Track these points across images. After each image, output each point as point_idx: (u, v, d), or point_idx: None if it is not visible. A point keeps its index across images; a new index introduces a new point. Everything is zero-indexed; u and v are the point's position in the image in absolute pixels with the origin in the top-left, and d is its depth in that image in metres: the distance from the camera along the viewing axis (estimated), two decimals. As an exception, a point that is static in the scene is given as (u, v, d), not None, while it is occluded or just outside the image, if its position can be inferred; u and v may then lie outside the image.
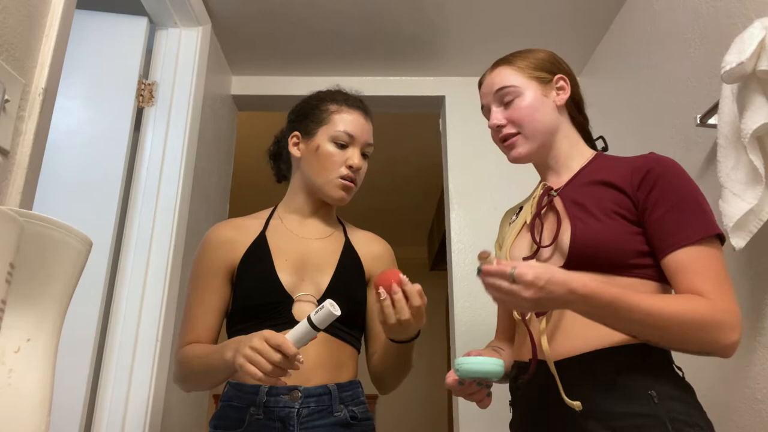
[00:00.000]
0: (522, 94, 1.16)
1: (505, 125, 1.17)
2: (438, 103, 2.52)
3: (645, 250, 1.01)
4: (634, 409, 0.92)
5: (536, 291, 0.86)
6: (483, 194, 2.33)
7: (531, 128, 1.16)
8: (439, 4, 2.07)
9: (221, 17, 2.10)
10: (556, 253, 1.06)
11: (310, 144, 1.31)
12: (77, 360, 1.56)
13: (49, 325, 0.59)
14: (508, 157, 1.20)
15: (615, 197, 1.04)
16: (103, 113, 1.80)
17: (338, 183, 1.28)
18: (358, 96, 1.39)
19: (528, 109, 1.16)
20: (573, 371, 0.98)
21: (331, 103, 1.33)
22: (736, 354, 0.92)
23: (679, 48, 1.64)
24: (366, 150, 1.33)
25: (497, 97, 1.18)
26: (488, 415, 2.06)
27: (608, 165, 1.12)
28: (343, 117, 1.30)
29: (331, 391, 1.17)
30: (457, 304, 2.21)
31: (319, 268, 1.26)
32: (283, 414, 1.13)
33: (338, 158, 1.28)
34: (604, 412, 0.93)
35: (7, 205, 0.87)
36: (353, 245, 1.34)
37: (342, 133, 1.29)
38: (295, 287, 1.22)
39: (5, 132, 0.91)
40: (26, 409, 0.55)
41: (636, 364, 0.96)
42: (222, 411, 1.20)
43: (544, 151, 1.18)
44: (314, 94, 1.39)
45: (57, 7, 1.04)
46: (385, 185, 3.97)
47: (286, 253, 1.26)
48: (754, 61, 1.10)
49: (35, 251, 0.58)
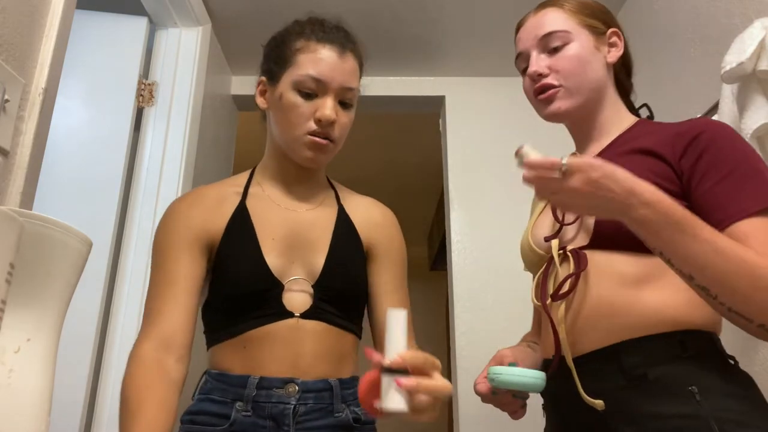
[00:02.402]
0: (572, 42, 1.01)
1: (548, 75, 1.01)
2: (438, 103, 2.52)
3: None
4: (669, 409, 0.79)
5: (589, 183, 0.74)
6: (483, 194, 2.33)
7: (577, 82, 1.00)
8: (440, 4, 2.07)
9: (221, 17, 2.09)
10: (580, 231, 0.95)
11: (275, 92, 1.05)
12: (77, 360, 1.56)
13: (49, 325, 0.59)
14: (543, 113, 1.04)
15: (654, 166, 0.90)
16: (103, 113, 1.81)
17: (306, 141, 1.02)
18: (336, 24, 1.09)
19: (577, 60, 1.00)
20: (598, 366, 0.87)
21: (298, 38, 1.05)
22: (736, 354, 0.90)
23: (679, 48, 1.64)
24: (345, 97, 1.04)
25: (541, 43, 1.02)
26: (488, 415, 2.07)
27: (649, 131, 0.98)
28: (309, 56, 1.02)
29: (332, 387, 1.00)
30: (457, 304, 2.21)
31: (311, 245, 1.05)
32: (277, 411, 0.95)
33: (305, 110, 1.01)
34: (632, 413, 0.81)
35: (7, 205, 0.87)
36: (348, 213, 1.12)
37: (306, 78, 1.01)
38: (285, 271, 1.01)
39: (5, 132, 0.91)
40: (26, 409, 0.55)
41: (673, 355, 0.82)
42: (200, 405, 0.98)
43: (584, 113, 1.03)
44: (284, 27, 1.11)
45: (57, 7, 1.03)
46: (385, 185, 3.96)
47: (272, 230, 1.04)
48: (754, 61, 1.10)
49: (35, 251, 0.58)
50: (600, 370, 0.86)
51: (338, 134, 1.04)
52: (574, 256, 0.93)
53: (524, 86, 1.07)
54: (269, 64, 1.08)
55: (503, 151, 2.36)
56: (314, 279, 1.02)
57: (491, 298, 2.18)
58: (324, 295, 1.02)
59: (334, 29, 1.07)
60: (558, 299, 0.92)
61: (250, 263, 1.00)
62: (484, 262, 2.25)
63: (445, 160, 2.46)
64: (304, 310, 1.00)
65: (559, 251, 0.96)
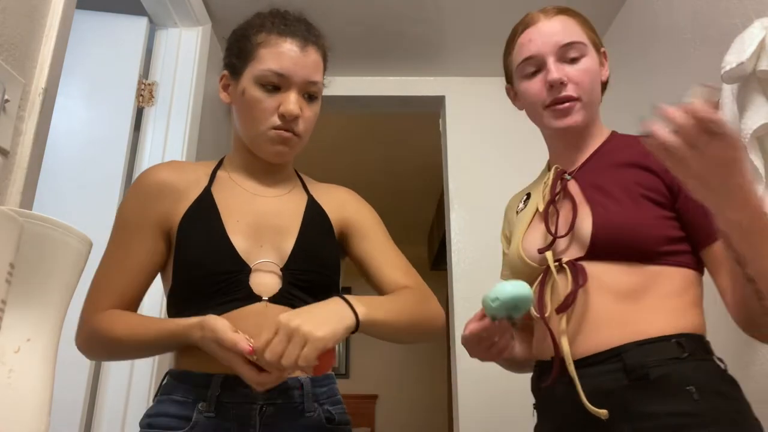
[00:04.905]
0: (587, 55, 1.01)
1: (566, 85, 0.99)
2: (438, 103, 2.52)
3: (677, 235, 0.92)
4: (671, 408, 0.82)
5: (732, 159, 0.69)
6: (483, 194, 2.33)
7: (590, 97, 1.01)
8: (440, 4, 2.07)
9: (221, 17, 2.09)
10: (573, 243, 0.96)
11: (238, 87, 1.03)
12: (77, 360, 1.56)
13: (49, 325, 0.59)
14: (555, 123, 1.02)
15: (642, 178, 0.94)
16: (103, 113, 1.81)
17: (271, 136, 1.00)
18: (298, 17, 1.06)
19: (592, 75, 1.01)
20: (600, 369, 0.89)
21: (259, 31, 1.03)
22: (736, 354, 0.92)
23: (679, 48, 1.64)
24: (309, 90, 1.02)
25: (561, 51, 1.00)
26: (488, 415, 2.07)
27: (626, 144, 1.01)
28: (271, 51, 1.00)
29: (303, 385, 0.94)
30: (457, 304, 2.21)
31: (280, 230, 1.01)
32: (242, 412, 0.90)
33: (268, 105, 0.99)
34: (637, 412, 0.84)
35: (7, 205, 0.87)
36: (317, 200, 1.10)
37: (268, 73, 0.99)
38: (252, 254, 0.97)
39: (5, 132, 0.91)
40: (26, 409, 0.55)
41: (672, 357, 0.86)
42: (159, 407, 0.93)
43: (583, 127, 1.04)
44: (245, 20, 1.09)
45: (57, 7, 1.04)
46: (385, 185, 3.97)
47: (237, 213, 1.01)
48: (754, 61, 1.10)
49: (35, 251, 0.58)
50: (602, 370, 0.88)
51: (303, 128, 1.03)
52: (571, 269, 0.94)
53: (531, 91, 1.03)
54: (231, 58, 1.06)
55: (503, 151, 2.37)
56: (283, 262, 0.98)
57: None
58: (294, 278, 0.97)
59: (296, 22, 1.04)
60: (561, 312, 0.93)
61: (213, 243, 0.97)
62: (484, 262, 2.25)
63: (445, 160, 2.46)
64: (273, 293, 0.95)
65: (555, 263, 0.97)
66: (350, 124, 3.32)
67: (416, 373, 5.34)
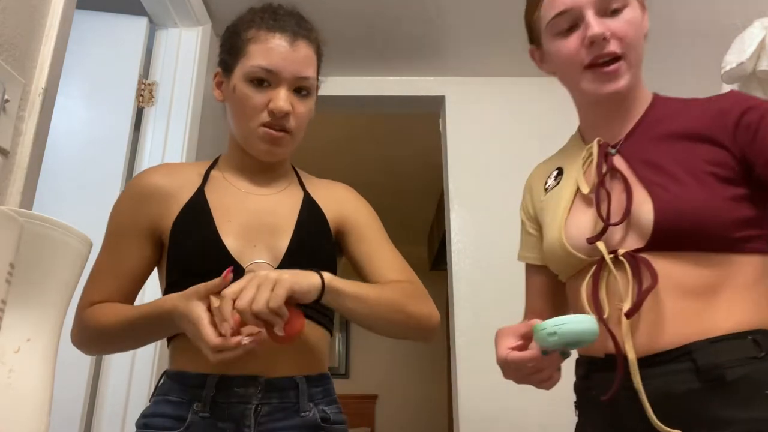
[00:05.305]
0: (630, 5, 0.88)
1: (610, 41, 0.86)
2: (438, 103, 2.52)
3: (752, 215, 0.80)
4: (748, 414, 0.73)
5: None
6: (483, 194, 2.33)
7: (636, 53, 0.88)
8: (440, 4, 2.06)
9: (221, 17, 2.09)
10: (630, 231, 0.84)
11: (230, 84, 1.02)
12: (77, 360, 1.56)
13: (49, 325, 0.59)
14: (603, 89, 0.88)
15: (704, 152, 0.82)
16: (103, 113, 1.81)
17: (261, 133, 0.99)
18: (290, 11, 1.04)
19: (636, 27, 0.88)
20: (665, 369, 0.78)
21: (249, 27, 1.01)
22: None
23: (679, 48, 1.64)
24: (300, 86, 1.01)
25: (600, 2, 0.87)
26: (488, 415, 2.07)
27: (676, 110, 0.89)
28: (260, 47, 0.98)
29: (298, 385, 0.94)
30: (457, 304, 2.21)
31: (274, 229, 1.00)
32: (237, 412, 0.90)
33: (257, 101, 0.98)
34: (712, 418, 0.74)
35: (7, 205, 0.87)
36: (313, 197, 1.08)
37: (257, 69, 0.97)
38: (245, 254, 0.96)
39: (5, 132, 0.91)
40: (26, 409, 0.55)
41: (749, 355, 0.76)
42: (155, 407, 0.94)
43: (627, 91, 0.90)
44: (237, 16, 1.07)
45: (57, 7, 1.04)
46: (384, 185, 3.97)
47: (229, 213, 1.00)
48: (754, 61, 1.11)
49: (35, 251, 0.58)
50: (667, 370, 0.78)
51: (295, 125, 1.01)
52: (630, 262, 0.82)
53: (566, 50, 0.90)
54: (224, 55, 1.05)
55: (503, 151, 2.37)
56: (277, 262, 0.97)
57: (491, 298, 2.18)
58: None
59: (286, 16, 1.02)
60: (630, 316, 0.81)
61: (204, 245, 0.96)
62: (484, 262, 2.25)
63: (445, 160, 2.46)
64: None
65: (610, 255, 0.84)
66: (350, 124, 3.32)
67: (416, 373, 5.34)
